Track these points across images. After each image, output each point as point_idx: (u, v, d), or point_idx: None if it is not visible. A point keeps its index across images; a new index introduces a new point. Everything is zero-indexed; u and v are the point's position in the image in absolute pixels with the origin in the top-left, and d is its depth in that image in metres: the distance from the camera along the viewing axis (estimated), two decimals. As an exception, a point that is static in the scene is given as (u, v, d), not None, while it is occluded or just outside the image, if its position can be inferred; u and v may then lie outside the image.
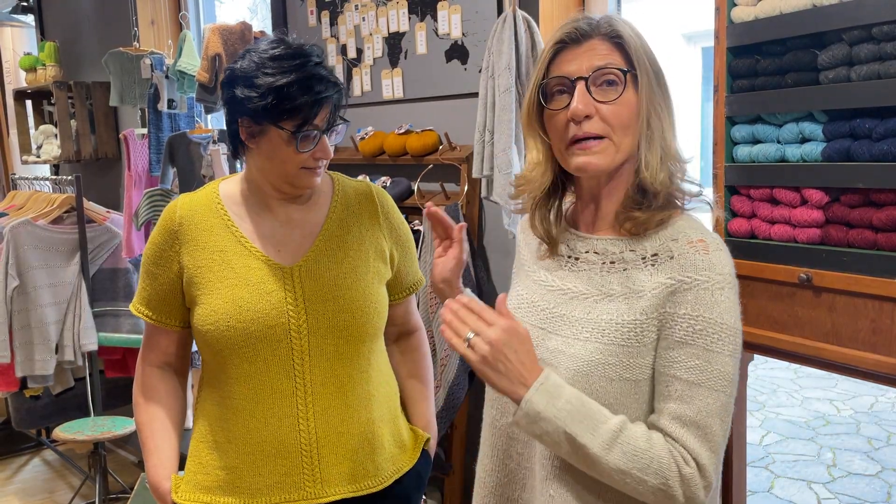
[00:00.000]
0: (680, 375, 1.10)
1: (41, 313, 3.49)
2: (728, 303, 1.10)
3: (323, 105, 1.40)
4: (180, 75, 3.43)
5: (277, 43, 1.43)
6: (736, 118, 1.76)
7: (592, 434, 1.07)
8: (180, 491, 1.51)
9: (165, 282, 1.50)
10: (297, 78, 1.38)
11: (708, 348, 1.09)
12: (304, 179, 1.46)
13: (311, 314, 1.46)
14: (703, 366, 1.09)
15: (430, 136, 2.62)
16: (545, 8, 2.36)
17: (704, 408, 1.08)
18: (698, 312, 1.09)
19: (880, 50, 1.46)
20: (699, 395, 1.08)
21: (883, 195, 1.49)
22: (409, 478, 1.59)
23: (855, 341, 1.55)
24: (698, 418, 1.08)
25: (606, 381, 1.12)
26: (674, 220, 1.17)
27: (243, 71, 1.41)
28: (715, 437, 1.09)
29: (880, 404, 5.45)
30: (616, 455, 1.07)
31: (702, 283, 1.10)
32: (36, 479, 4.20)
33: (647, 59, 1.15)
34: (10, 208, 3.89)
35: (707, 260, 1.11)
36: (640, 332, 1.12)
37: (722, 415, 1.09)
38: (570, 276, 1.22)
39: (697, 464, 1.08)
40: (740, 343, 1.12)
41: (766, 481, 4.28)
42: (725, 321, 1.09)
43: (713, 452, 1.09)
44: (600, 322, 1.15)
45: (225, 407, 1.50)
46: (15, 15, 4.98)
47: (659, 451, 1.08)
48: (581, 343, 1.15)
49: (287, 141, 1.40)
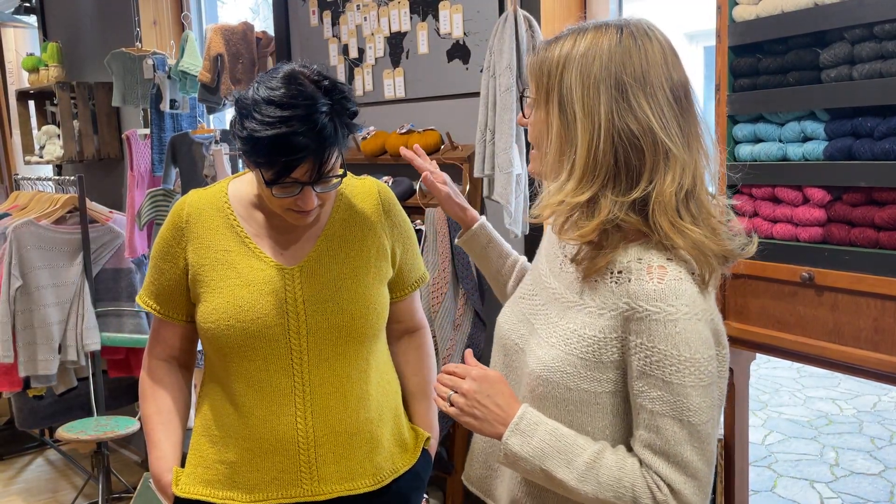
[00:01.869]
0: (645, 405, 1.08)
1: (44, 313, 3.50)
2: (684, 334, 1.05)
3: (303, 161, 1.33)
4: (182, 75, 3.44)
5: (284, 82, 1.34)
6: (738, 117, 1.76)
7: (568, 468, 1.10)
8: (181, 483, 1.53)
9: (172, 277, 1.52)
10: (275, 134, 1.29)
11: (667, 380, 1.06)
12: (291, 217, 1.44)
13: (310, 315, 1.47)
14: (665, 397, 1.06)
15: (432, 135, 2.62)
16: (546, 7, 2.36)
17: (671, 437, 1.06)
18: (653, 343, 1.06)
19: (882, 48, 1.46)
20: (665, 425, 1.06)
21: (885, 194, 1.49)
22: (409, 477, 1.60)
23: (857, 340, 1.55)
24: (666, 448, 1.07)
25: (565, 389, 1.14)
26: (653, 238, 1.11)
27: (243, 104, 1.36)
28: (689, 464, 1.06)
29: (883, 403, 5.44)
30: (592, 486, 1.09)
31: (653, 314, 1.06)
32: (39, 478, 4.20)
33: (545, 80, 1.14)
34: (13, 208, 3.90)
35: (659, 290, 1.06)
36: (598, 349, 1.11)
37: (693, 442, 1.06)
38: (560, 277, 1.23)
39: (672, 489, 1.07)
40: (708, 371, 1.07)
41: (768, 481, 4.28)
42: (682, 353, 1.05)
43: (690, 477, 1.07)
44: (566, 331, 1.15)
45: (226, 402, 1.51)
46: (17, 16, 4.99)
47: (632, 479, 1.08)
48: (548, 348, 1.17)
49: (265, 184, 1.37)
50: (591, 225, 1.10)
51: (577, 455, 1.10)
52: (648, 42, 1.10)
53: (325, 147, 1.34)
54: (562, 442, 1.11)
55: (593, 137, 1.08)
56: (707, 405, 1.07)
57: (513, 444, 1.13)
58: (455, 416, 1.17)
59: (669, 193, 1.08)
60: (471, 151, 2.51)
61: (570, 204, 1.10)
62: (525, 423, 1.13)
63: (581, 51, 1.10)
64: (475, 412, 1.15)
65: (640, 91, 1.07)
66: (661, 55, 1.10)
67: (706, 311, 1.09)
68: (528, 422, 1.13)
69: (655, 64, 1.09)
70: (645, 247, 1.11)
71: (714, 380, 1.08)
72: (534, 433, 1.12)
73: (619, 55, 1.08)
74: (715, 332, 1.10)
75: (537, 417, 1.14)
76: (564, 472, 1.10)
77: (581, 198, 1.09)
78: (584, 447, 1.11)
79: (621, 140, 1.08)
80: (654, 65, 1.09)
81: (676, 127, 1.09)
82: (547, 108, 1.14)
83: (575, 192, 1.10)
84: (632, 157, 1.08)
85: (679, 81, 1.11)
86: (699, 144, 1.12)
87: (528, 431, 1.13)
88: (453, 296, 2.50)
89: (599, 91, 1.08)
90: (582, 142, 1.09)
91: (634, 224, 1.10)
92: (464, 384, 1.17)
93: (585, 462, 1.10)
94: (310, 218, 1.45)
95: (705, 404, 1.07)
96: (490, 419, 1.15)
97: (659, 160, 1.08)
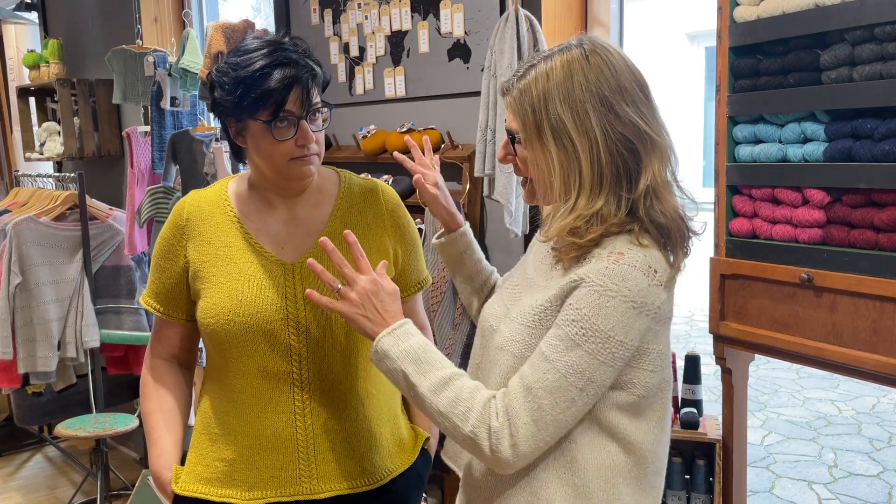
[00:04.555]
0: (541, 347, 1.14)
1: (44, 310, 3.50)
2: (611, 311, 1.11)
3: (292, 88, 1.39)
4: (183, 73, 3.44)
5: (252, 41, 1.44)
6: (738, 118, 1.76)
7: (423, 376, 1.18)
8: (180, 481, 1.53)
9: (173, 275, 1.52)
10: (260, 66, 1.38)
11: (571, 337, 1.12)
12: (295, 170, 1.45)
13: (310, 311, 1.47)
14: (560, 347, 1.12)
15: (432, 134, 2.62)
16: (547, 7, 2.36)
17: (542, 380, 1.12)
18: (579, 306, 1.12)
19: (882, 50, 1.46)
20: (544, 367, 1.12)
21: (884, 195, 1.49)
22: (408, 477, 1.59)
23: (856, 341, 1.55)
24: (533, 385, 1.12)
25: (512, 357, 1.20)
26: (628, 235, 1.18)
27: (218, 72, 1.43)
28: (541, 411, 1.12)
29: (882, 405, 5.44)
30: (441, 399, 1.16)
31: (594, 284, 1.12)
32: (38, 475, 4.21)
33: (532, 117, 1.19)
34: (13, 205, 3.90)
35: (610, 269, 1.12)
36: (541, 318, 1.18)
37: (556, 396, 1.11)
38: (539, 267, 1.29)
39: (511, 422, 1.12)
40: (612, 353, 1.12)
41: (767, 481, 4.28)
42: (597, 323, 1.11)
43: (534, 423, 1.12)
44: (525, 306, 1.22)
45: (225, 400, 1.51)
46: (19, 12, 4.99)
47: (477, 403, 1.15)
48: (509, 323, 1.24)
49: (265, 132, 1.41)
50: (598, 231, 1.17)
51: (436, 369, 1.18)
52: (609, 53, 1.19)
53: (306, 72, 1.40)
54: (427, 354, 1.20)
55: (594, 153, 1.16)
56: (588, 377, 1.12)
57: (384, 343, 1.21)
58: (341, 308, 1.24)
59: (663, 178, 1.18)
60: (471, 150, 2.51)
61: (585, 217, 1.17)
62: (402, 331, 1.22)
63: (558, 80, 1.17)
64: (366, 312, 1.23)
65: (620, 99, 1.16)
66: (622, 62, 1.19)
67: (646, 305, 1.13)
68: (405, 331, 1.22)
69: (622, 71, 1.18)
70: (619, 238, 1.17)
71: (611, 364, 1.12)
72: (406, 339, 1.21)
73: (592, 74, 1.17)
74: (650, 330, 1.15)
75: (415, 330, 1.23)
76: (419, 378, 1.18)
77: (593, 209, 1.16)
78: (447, 367, 1.19)
79: (618, 147, 1.16)
80: (622, 72, 1.18)
81: (653, 119, 1.19)
82: (541, 142, 1.19)
83: (586, 205, 1.17)
84: (629, 160, 1.17)
85: (641, 78, 1.21)
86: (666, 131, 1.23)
87: (402, 337, 1.21)
88: (452, 295, 2.50)
89: (588, 111, 1.16)
90: (585, 160, 1.16)
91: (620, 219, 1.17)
92: (361, 280, 1.24)
93: (442, 377, 1.17)
94: (312, 168, 1.46)
95: (588, 375, 1.11)
96: (376, 321, 1.23)
97: (651, 152, 1.17)
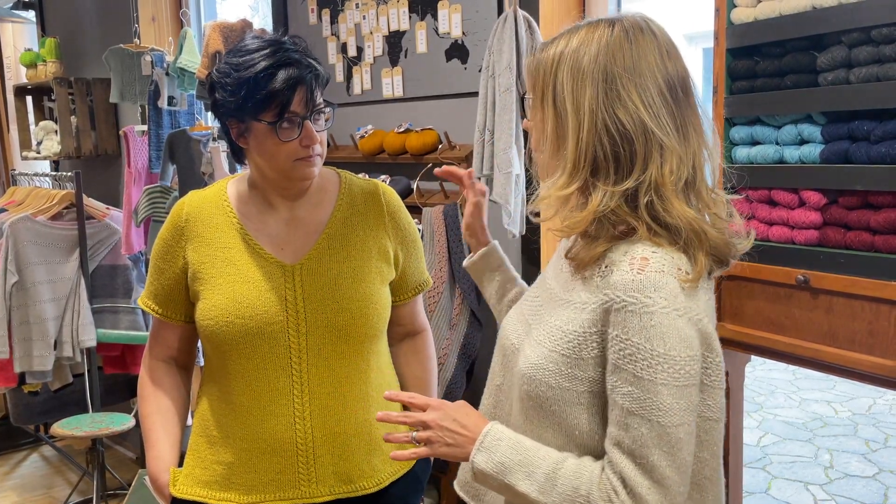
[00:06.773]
0: (617, 400, 1.05)
1: (40, 309, 3.49)
2: (660, 328, 1.02)
3: (296, 89, 1.39)
4: (181, 72, 3.43)
5: (252, 40, 1.43)
6: (735, 119, 1.76)
7: (528, 480, 1.09)
8: (178, 484, 1.52)
9: (171, 277, 1.52)
10: (263, 66, 1.37)
11: (638, 375, 1.03)
12: (299, 171, 1.45)
13: (309, 313, 1.46)
14: (636, 393, 1.03)
15: (430, 135, 2.62)
16: (545, 8, 2.36)
17: (639, 438, 1.03)
18: (627, 335, 1.03)
19: (879, 52, 1.46)
20: (634, 423, 1.03)
21: (881, 197, 1.49)
22: (407, 480, 1.59)
23: (852, 343, 1.56)
24: (634, 448, 1.03)
25: (547, 387, 1.12)
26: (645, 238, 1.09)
27: (219, 73, 1.43)
28: (655, 468, 1.02)
29: (878, 406, 5.45)
30: (551, 497, 1.07)
31: (629, 304, 1.03)
32: (34, 474, 4.20)
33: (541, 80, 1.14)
34: (9, 204, 3.89)
35: (638, 280, 1.03)
36: (579, 345, 1.09)
37: (662, 446, 1.02)
38: (558, 277, 1.22)
39: (632, 493, 1.03)
40: (684, 371, 1.03)
41: (763, 482, 4.29)
42: (654, 347, 1.02)
43: (656, 483, 1.02)
44: (552, 327, 1.14)
45: (224, 402, 1.51)
46: (16, 11, 4.98)
47: (588, 487, 1.06)
48: (535, 346, 1.15)
49: (270, 133, 1.40)
50: (582, 216, 1.09)
51: (537, 467, 1.09)
52: (641, 34, 1.09)
53: (309, 72, 1.40)
54: (522, 455, 1.10)
55: (581, 129, 1.08)
56: (680, 407, 1.03)
57: (478, 461, 1.11)
58: (427, 452, 1.15)
59: (668, 183, 1.06)
60: (468, 151, 2.51)
61: (558, 196, 1.09)
62: (489, 440, 1.12)
63: (573, 47, 1.10)
64: (446, 439, 1.14)
65: (629, 82, 1.06)
66: (654, 47, 1.08)
67: (689, 308, 1.04)
68: (492, 438, 1.12)
69: (647, 55, 1.08)
70: (634, 241, 1.09)
71: (692, 382, 1.04)
72: (497, 448, 1.11)
73: (609, 48, 1.07)
74: (701, 333, 1.06)
75: (501, 433, 1.13)
76: (525, 484, 1.08)
77: (568, 190, 1.09)
78: (545, 458, 1.10)
79: (608, 130, 1.06)
80: (646, 56, 1.08)
81: (669, 118, 1.07)
82: (543, 108, 1.13)
83: (564, 185, 1.09)
84: (620, 148, 1.07)
85: (675, 73, 1.09)
86: (699, 137, 1.11)
87: (492, 447, 1.11)
88: (450, 295, 2.50)
89: (586, 84, 1.07)
90: (572, 135, 1.09)
91: (625, 216, 1.08)
92: (425, 416, 1.15)
93: (545, 473, 1.08)
94: (316, 169, 1.46)
95: (678, 406, 1.03)
96: (460, 443, 1.14)
97: (652, 151, 1.06)
